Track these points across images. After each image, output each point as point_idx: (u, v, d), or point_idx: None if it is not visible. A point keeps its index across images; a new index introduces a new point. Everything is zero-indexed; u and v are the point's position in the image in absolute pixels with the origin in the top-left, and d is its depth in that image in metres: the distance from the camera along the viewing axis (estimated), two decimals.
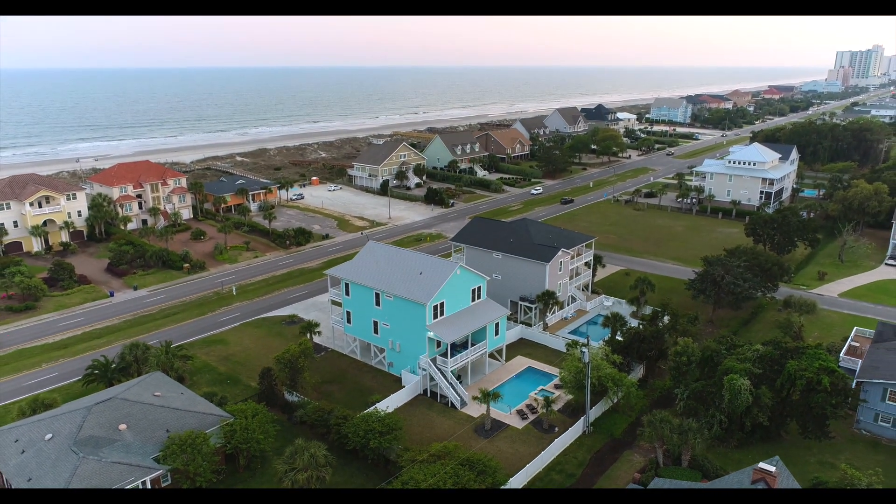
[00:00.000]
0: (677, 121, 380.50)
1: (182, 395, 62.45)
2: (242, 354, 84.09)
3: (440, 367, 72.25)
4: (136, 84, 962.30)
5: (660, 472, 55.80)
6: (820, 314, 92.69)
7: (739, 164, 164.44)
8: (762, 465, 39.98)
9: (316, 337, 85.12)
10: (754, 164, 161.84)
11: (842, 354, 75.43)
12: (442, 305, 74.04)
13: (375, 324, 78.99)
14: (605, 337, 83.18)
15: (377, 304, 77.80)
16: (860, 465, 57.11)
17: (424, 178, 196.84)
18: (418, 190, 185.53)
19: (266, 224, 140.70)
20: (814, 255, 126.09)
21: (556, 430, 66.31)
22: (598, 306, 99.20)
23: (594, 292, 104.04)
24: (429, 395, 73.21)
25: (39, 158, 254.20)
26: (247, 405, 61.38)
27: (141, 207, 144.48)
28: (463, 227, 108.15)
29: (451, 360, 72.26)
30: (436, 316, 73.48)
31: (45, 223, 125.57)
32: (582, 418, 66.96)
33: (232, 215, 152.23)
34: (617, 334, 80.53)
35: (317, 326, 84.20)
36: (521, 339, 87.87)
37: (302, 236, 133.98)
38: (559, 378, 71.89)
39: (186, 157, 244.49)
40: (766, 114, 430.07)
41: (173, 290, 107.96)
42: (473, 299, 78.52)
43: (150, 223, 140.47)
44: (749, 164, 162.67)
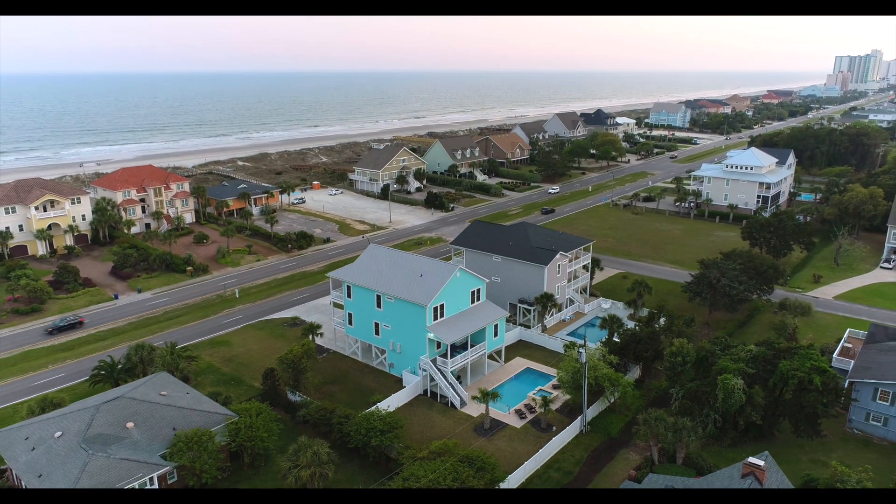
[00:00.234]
0: (676, 125, 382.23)
1: (187, 394, 63.81)
2: (246, 356, 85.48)
3: (440, 367, 73.58)
4: (136, 88, 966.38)
5: (655, 469, 57.14)
6: (815, 316, 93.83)
7: (737, 168, 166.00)
8: (751, 459, 41.32)
9: (318, 338, 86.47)
10: (751, 169, 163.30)
11: (835, 355, 76.95)
12: (442, 307, 75.41)
13: (377, 325, 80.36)
14: (602, 338, 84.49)
15: (378, 305, 79.20)
16: (851, 463, 58.17)
17: (425, 182, 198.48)
18: (419, 194, 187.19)
19: (268, 228, 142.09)
20: (810, 258, 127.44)
21: (553, 429, 67.59)
22: (596, 308, 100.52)
23: (592, 295, 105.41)
24: (429, 395, 74.52)
25: (42, 163, 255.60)
26: (251, 404, 62.83)
27: (144, 211, 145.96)
28: (463, 230, 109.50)
29: (450, 361, 73.61)
30: (436, 317, 74.88)
31: (49, 227, 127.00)
32: (579, 418, 68.33)
33: (234, 219, 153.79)
34: (614, 336, 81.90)
35: (319, 328, 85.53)
36: (519, 340, 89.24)
37: (303, 240, 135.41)
38: (557, 378, 73.25)
39: (188, 161, 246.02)
40: (765, 118, 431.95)
41: (177, 293, 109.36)
42: (473, 301, 79.91)
43: (153, 227, 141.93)
44: (746, 168, 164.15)
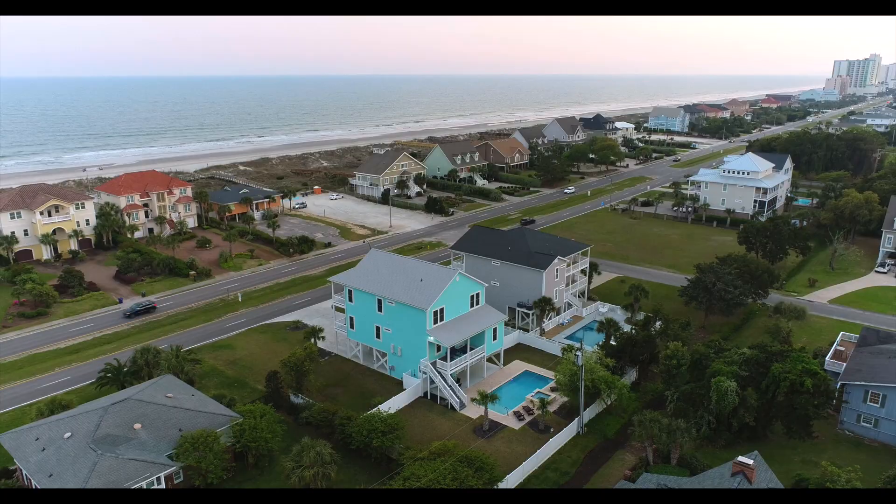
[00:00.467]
0: (675, 130, 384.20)
1: (193, 396, 65.23)
2: (249, 359, 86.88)
3: (440, 370, 74.96)
4: (135, 92, 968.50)
5: (649, 469, 58.47)
6: (810, 320, 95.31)
7: (733, 173, 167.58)
8: (741, 458, 42.75)
9: (320, 342, 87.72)
10: (748, 174, 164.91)
11: (828, 358, 78.30)
12: (442, 311, 76.85)
13: (378, 329, 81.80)
14: (599, 342, 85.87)
15: (379, 309, 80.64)
16: (842, 464, 59.36)
17: (425, 187, 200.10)
18: (419, 199, 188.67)
19: (270, 232, 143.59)
20: (806, 262, 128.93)
21: (551, 430, 68.94)
22: (593, 312, 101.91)
23: (590, 299, 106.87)
24: (429, 397, 75.91)
25: (45, 167, 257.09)
26: (255, 406, 64.19)
27: (147, 216, 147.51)
28: (462, 235, 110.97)
29: (450, 364, 75.04)
30: (436, 321, 76.32)
31: (54, 231, 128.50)
32: (576, 419, 69.76)
33: (236, 224, 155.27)
34: (611, 339, 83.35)
35: (321, 332, 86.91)
36: (518, 343, 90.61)
37: (305, 244, 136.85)
38: (555, 381, 74.73)
39: (190, 165, 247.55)
40: (764, 123, 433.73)
41: (180, 297, 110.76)
42: (472, 305, 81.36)
43: (156, 231, 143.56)
44: (743, 173, 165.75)
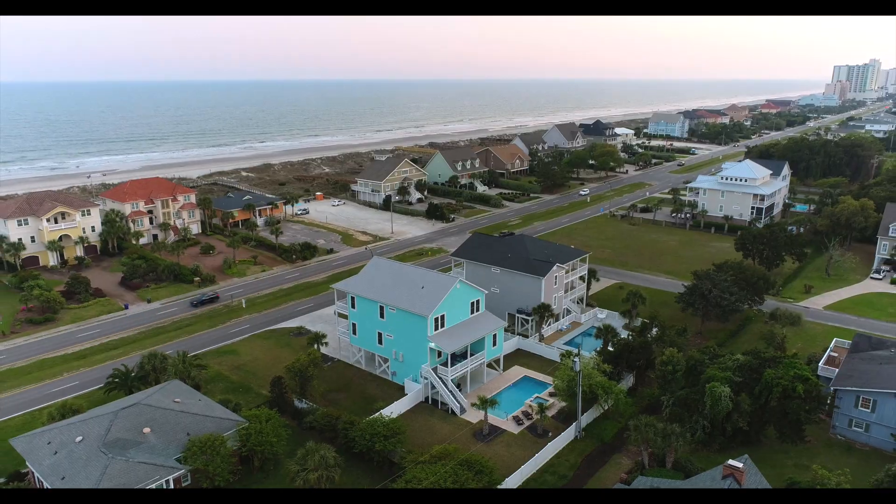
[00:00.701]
0: (675, 135, 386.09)
1: (200, 401, 66.86)
2: (253, 364, 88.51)
3: (441, 375, 76.57)
4: (134, 97, 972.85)
5: (645, 472, 60.03)
6: (805, 326, 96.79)
7: (731, 180, 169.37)
8: (731, 462, 44.32)
9: (323, 348, 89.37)
10: (745, 181, 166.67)
11: (821, 364, 79.63)
12: (443, 318, 78.49)
13: (380, 335, 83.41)
14: (597, 347, 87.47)
15: (381, 316, 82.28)
16: (833, 468, 60.92)
17: (426, 193, 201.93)
18: (420, 205, 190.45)
19: (273, 239, 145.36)
20: (802, 268, 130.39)
21: (549, 434, 70.46)
22: (592, 318, 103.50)
23: (589, 305, 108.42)
24: (430, 402, 77.50)
25: (49, 173, 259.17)
26: (260, 411, 65.88)
27: (152, 223, 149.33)
28: (463, 242, 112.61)
29: (451, 370, 76.64)
30: (437, 328, 77.94)
31: (60, 238, 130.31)
32: (574, 424, 71.29)
33: (240, 230, 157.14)
34: (608, 345, 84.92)
35: (324, 337, 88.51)
36: (517, 349, 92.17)
37: (307, 251, 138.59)
38: (553, 386, 76.25)
39: (193, 171, 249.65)
40: (763, 128, 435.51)
41: (185, 303, 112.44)
42: (472, 312, 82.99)
43: (160, 238, 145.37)
44: (740, 180, 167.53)
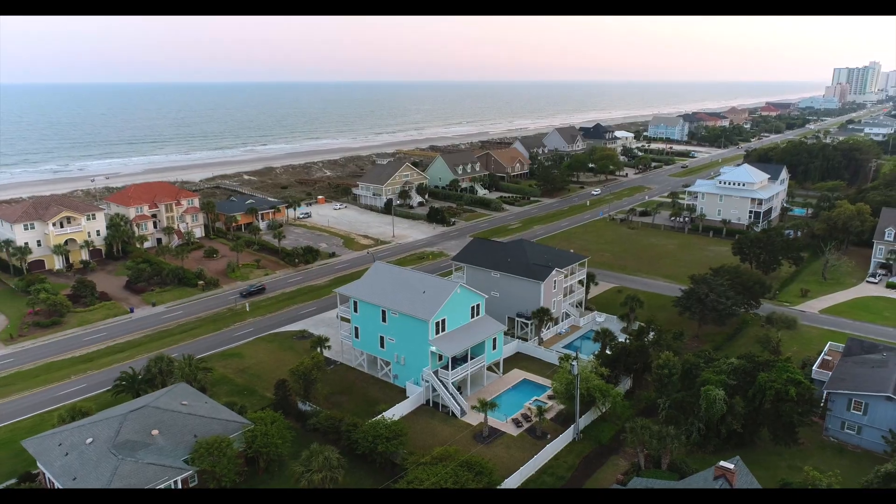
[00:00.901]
0: (675, 138, 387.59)
1: (206, 403, 68.39)
2: (257, 367, 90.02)
3: (442, 379, 78.08)
4: (135, 99, 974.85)
5: (640, 474, 61.51)
6: (800, 329, 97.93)
7: (729, 184, 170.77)
8: (722, 463, 45.78)
9: (326, 351, 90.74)
10: (744, 185, 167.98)
11: (815, 367, 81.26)
12: (443, 322, 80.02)
13: (382, 339, 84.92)
14: (595, 351, 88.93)
15: (383, 320, 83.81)
16: (825, 469, 62.38)
17: (427, 196, 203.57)
18: (421, 209, 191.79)
19: (275, 242, 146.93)
20: (799, 272, 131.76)
21: (548, 437, 71.93)
22: (590, 322, 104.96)
23: (588, 309, 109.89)
24: (431, 404, 78.99)
25: (53, 176, 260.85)
26: (265, 413, 67.40)
27: (156, 227, 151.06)
28: (463, 246, 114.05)
29: (451, 373, 78.15)
30: (438, 331, 79.47)
31: (66, 242, 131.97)
32: (572, 426, 72.75)
33: (242, 234, 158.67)
34: (606, 349, 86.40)
35: (327, 341, 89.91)
36: (517, 353, 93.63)
37: (310, 254, 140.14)
38: (552, 389, 77.71)
39: (195, 175, 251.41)
40: (763, 131, 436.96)
41: (189, 307, 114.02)
42: (473, 316, 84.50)
43: (164, 242, 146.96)
44: (739, 184, 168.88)
